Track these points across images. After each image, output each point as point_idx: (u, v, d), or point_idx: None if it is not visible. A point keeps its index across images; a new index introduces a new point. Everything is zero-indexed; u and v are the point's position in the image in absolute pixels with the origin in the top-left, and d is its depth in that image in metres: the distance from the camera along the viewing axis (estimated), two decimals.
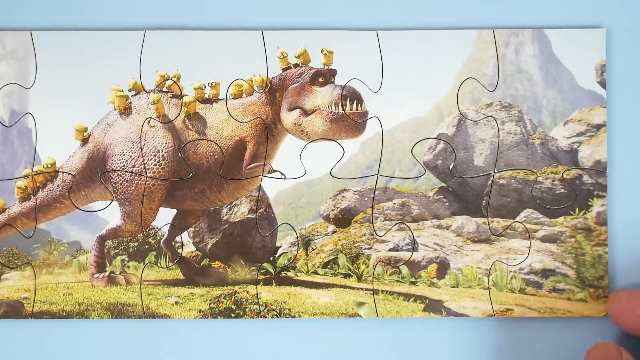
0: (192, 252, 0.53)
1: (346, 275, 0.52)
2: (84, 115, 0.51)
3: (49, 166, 0.51)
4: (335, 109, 0.51)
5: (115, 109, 0.51)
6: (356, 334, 0.51)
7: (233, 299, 0.51)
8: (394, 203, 0.53)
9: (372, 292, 0.51)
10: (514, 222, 0.52)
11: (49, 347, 0.51)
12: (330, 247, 0.53)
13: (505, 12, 0.52)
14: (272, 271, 0.52)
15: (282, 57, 0.51)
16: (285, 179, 0.52)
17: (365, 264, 0.53)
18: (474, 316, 0.51)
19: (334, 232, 0.54)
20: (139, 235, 0.53)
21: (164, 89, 0.51)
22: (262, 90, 0.52)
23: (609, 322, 0.51)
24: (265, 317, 0.51)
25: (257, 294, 0.51)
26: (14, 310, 0.48)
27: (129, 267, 0.52)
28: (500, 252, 0.53)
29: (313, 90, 0.51)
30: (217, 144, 0.51)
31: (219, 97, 0.52)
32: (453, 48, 0.52)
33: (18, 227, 0.52)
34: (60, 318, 0.51)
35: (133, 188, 0.51)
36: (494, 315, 0.51)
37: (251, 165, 0.51)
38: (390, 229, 0.53)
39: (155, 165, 0.52)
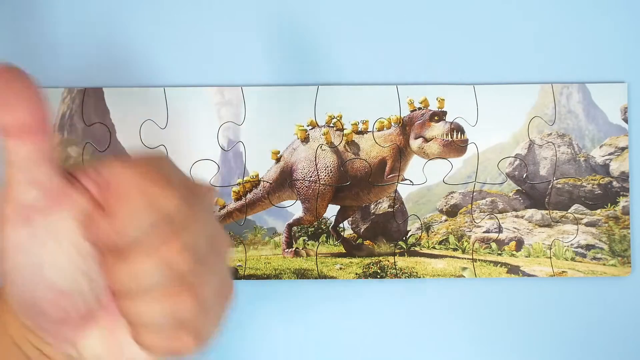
0: (350, 234, 0.62)
1: (454, 249, 0.62)
2: (277, 143, 0.62)
3: (254, 177, 0.62)
4: (446, 138, 0.61)
5: (298, 138, 0.62)
6: (462, 289, 0.62)
7: (378, 265, 0.61)
8: (486, 200, 0.62)
9: (472, 260, 0.61)
10: (566, 213, 0.62)
11: (255, 298, 0.61)
12: (443, 230, 0.62)
13: (559, 72, 0.62)
14: (405, 247, 0.61)
15: (410, 103, 0.61)
16: (412, 184, 0.62)
17: (467, 242, 0.62)
18: (540, 276, 0.61)
19: (446, 220, 0.62)
20: (315, 223, 0.62)
21: (331, 125, 0.62)
22: (397, 125, 0.62)
23: (632, 280, 0.61)
24: (400, 277, 0.61)
25: (394, 262, 0.61)
26: (232, 273, 0.59)
27: (308, 244, 0.62)
28: (557, 233, 0.62)
29: (431, 125, 0.61)
30: (367, 161, 0.61)
31: (368, 130, 0.62)
32: (525, 96, 0.61)
33: (234, 218, 0.61)
34: (262, 279, 0.61)
35: (310, 191, 0.61)
36: (554, 275, 0.61)
37: (390, 176, 0.61)
38: (483, 218, 0.62)
39: (325, 176, 0.61)
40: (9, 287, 0.25)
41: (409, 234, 0.63)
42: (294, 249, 0.62)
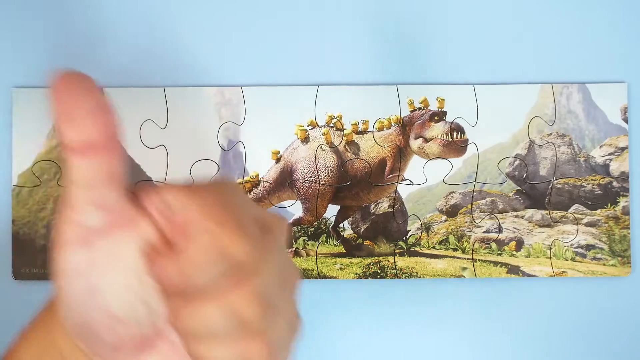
0: (350, 234, 0.62)
1: (454, 249, 0.62)
2: (277, 143, 0.62)
3: (254, 177, 0.61)
4: (446, 138, 0.61)
5: (298, 138, 0.62)
6: (461, 289, 0.61)
7: (378, 265, 0.61)
8: (486, 200, 0.62)
9: (472, 260, 0.61)
10: (566, 213, 0.62)
11: None
12: (443, 230, 0.62)
13: (559, 72, 0.62)
14: (405, 247, 0.61)
15: (410, 103, 0.61)
16: (412, 184, 0.62)
17: (467, 242, 0.62)
18: (540, 276, 0.61)
19: (446, 220, 0.62)
20: (315, 223, 0.62)
21: (331, 125, 0.62)
22: (397, 126, 0.62)
23: (632, 280, 0.61)
24: (400, 277, 0.61)
25: (394, 262, 0.61)
26: None
27: (308, 244, 0.61)
28: (557, 233, 0.61)
29: (431, 125, 0.61)
30: (367, 161, 0.61)
31: (368, 130, 0.62)
32: (525, 96, 0.62)
33: None
34: None
35: (310, 191, 0.61)
36: (554, 275, 0.61)
37: (390, 176, 0.61)
38: (483, 218, 0.62)
39: (325, 176, 0.61)
40: (63, 308, 0.24)
41: (409, 234, 0.63)
42: (294, 249, 0.62)
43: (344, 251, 0.62)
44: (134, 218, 0.24)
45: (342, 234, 0.63)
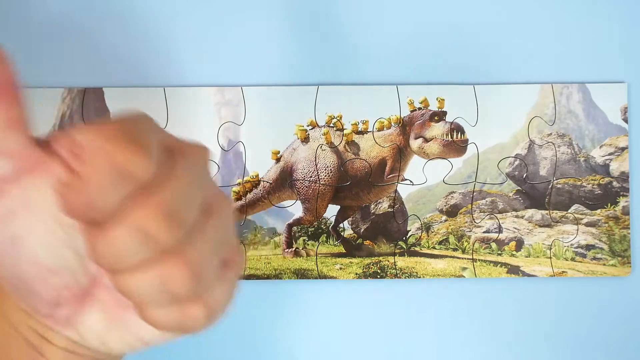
0: (350, 234, 0.62)
1: (454, 249, 0.62)
2: (277, 143, 0.62)
3: (254, 177, 0.61)
4: (446, 138, 0.61)
5: (298, 138, 0.62)
6: (461, 289, 0.62)
7: (378, 265, 0.61)
8: (486, 200, 0.62)
9: (472, 260, 0.61)
10: (566, 213, 0.62)
11: (255, 298, 0.61)
12: (443, 230, 0.62)
13: (559, 72, 0.62)
14: (405, 247, 0.61)
15: (410, 103, 0.61)
16: (412, 184, 0.62)
17: (467, 242, 0.62)
18: (540, 276, 0.61)
19: (446, 220, 0.62)
20: (315, 223, 0.62)
21: (331, 125, 0.62)
22: (397, 125, 0.62)
23: (632, 280, 0.61)
24: (400, 277, 0.61)
25: (394, 262, 0.61)
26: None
27: (308, 244, 0.61)
28: (557, 233, 0.61)
29: (431, 125, 0.61)
30: (367, 161, 0.61)
31: (368, 130, 0.62)
32: (525, 96, 0.62)
33: None
34: (262, 279, 0.61)
35: (310, 191, 0.61)
36: (554, 275, 0.61)
37: (390, 176, 0.61)
38: (483, 218, 0.62)
39: (325, 176, 0.61)
40: None
41: (409, 234, 0.63)
42: (294, 249, 0.62)
43: (344, 251, 0.62)
44: (44, 161, 0.23)
45: (342, 234, 0.63)
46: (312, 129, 0.63)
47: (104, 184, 0.21)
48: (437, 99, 0.63)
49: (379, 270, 0.62)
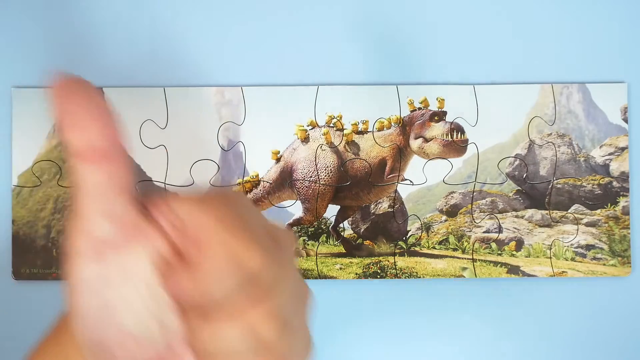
0: (350, 234, 0.62)
1: (454, 249, 0.62)
2: (277, 143, 0.62)
3: (254, 177, 0.62)
4: (446, 138, 0.61)
5: (298, 138, 0.62)
6: (461, 289, 0.62)
7: (378, 265, 0.61)
8: (486, 200, 0.62)
9: (472, 260, 0.61)
10: (566, 213, 0.62)
11: None
12: (443, 230, 0.62)
13: (559, 72, 0.62)
14: (405, 247, 0.61)
15: (410, 103, 0.62)
16: (412, 184, 0.62)
17: (467, 242, 0.62)
18: (540, 276, 0.61)
19: (446, 220, 0.62)
20: (315, 223, 0.62)
21: (331, 125, 0.62)
22: (397, 125, 0.62)
23: (632, 280, 0.61)
24: (400, 277, 0.61)
25: (394, 262, 0.61)
26: None
27: (308, 244, 0.62)
28: (557, 233, 0.62)
29: (431, 125, 0.61)
30: (367, 161, 0.62)
31: (368, 130, 0.62)
32: (525, 96, 0.62)
33: None
34: None
35: (310, 191, 0.61)
36: (554, 275, 0.61)
37: (390, 176, 0.62)
38: (483, 218, 0.62)
39: (325, 176, 0.61)
40: (77, 324, 0.24)
41: (409, 234, 0.63)
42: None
43: (344, 251, 0.62)
44: (144, 230, 0.23)
45: (342, 234, 0.63)
46: (312, 129, 0.63)
47: (221, 275, 0.22)
48: (437, 99, 0.63)
49: (379, 270, 0.62)
